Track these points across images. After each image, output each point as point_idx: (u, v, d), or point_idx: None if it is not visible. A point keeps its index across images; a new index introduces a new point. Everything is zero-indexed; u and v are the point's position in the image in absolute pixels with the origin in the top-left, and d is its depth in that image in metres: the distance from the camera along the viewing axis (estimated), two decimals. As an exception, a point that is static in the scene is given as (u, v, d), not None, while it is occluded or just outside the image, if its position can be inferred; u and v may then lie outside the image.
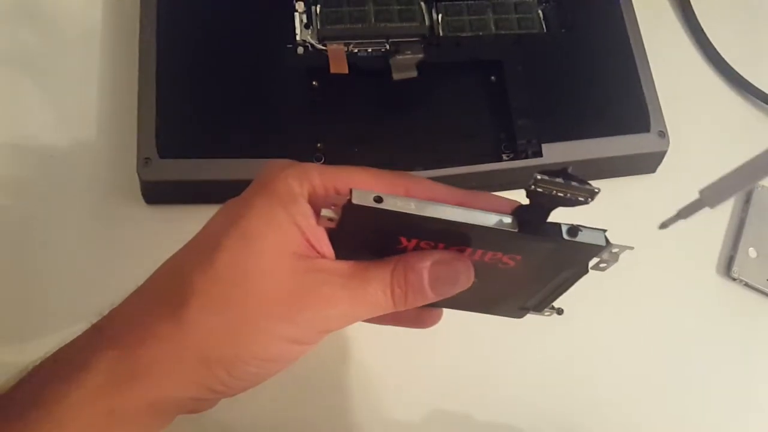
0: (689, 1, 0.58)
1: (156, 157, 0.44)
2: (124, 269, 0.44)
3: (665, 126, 0.50)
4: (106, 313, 0.30)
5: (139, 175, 0.44)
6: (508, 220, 0.28)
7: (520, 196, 0.34)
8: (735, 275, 0.50)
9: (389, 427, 0.44)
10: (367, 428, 0.43)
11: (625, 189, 0.51)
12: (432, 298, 0.30)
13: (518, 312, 0.36)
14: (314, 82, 0.48)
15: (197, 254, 0.29)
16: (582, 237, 0.29)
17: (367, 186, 0.28)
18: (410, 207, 0.27)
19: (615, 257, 0.30)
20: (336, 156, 0.46)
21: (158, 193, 0.46)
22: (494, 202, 0.30)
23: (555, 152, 0.48)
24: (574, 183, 0.26)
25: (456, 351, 0.45)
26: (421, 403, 0.44)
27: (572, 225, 0.29)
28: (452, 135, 0.49)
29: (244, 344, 0.28)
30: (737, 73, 0.56)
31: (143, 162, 0.44)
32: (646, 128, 0.50)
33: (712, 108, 0.56)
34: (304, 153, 0.46)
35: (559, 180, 0.26)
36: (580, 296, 0.34)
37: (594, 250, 0.29)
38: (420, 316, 0.35)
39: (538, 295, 0.34)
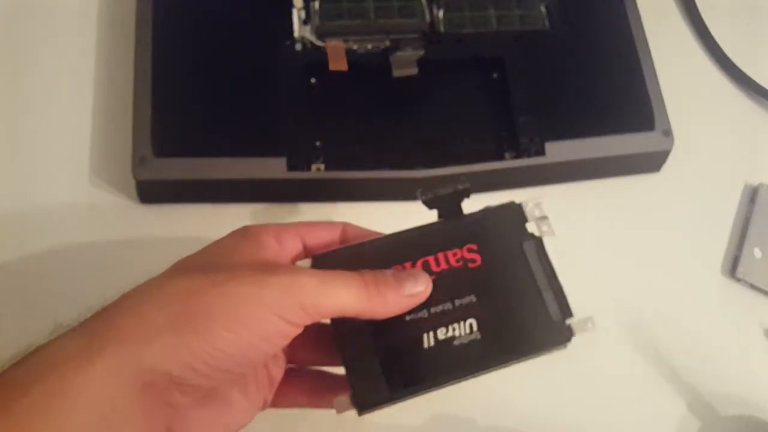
0: (693, -1, 0.58)
1: (151, 156, 0.43)
2: (119, 269, 0.44)
3: (669, 124, 0.50)
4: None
5: (134, 174, 0.44)
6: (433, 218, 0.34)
7: (521, 196, 0.34)
8: (740, 276, 0.49)
9: (390, 428, 0.43)
10: (368, 429, 0.43)
11: (629, 188, 0.51)
12: (399, 291, 0.31)
13: (557, 336, 0.33)
14: (313, 80, 0.48)
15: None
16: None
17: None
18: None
19: (543, 218, 0.33)
20: (335, 155, 0.45)
21: (153, 193, 0.45)
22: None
23: (558, 151, 0.47)
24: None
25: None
26: (421, 404, 0.44)
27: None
28: (453, 133, 0.49)
29: (216, 304, 0.28)
30: (742, 71, 0.56)
31: (138, 161, 0.43)
32: (650, 127, 0.49)
33: (717, 106, 0.55)
34: (302, 152, 0.45)
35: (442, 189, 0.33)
36: (582, 297, 0.33)
37: (510, 209, 0.34)
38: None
39: (544, 295, 0.33)
